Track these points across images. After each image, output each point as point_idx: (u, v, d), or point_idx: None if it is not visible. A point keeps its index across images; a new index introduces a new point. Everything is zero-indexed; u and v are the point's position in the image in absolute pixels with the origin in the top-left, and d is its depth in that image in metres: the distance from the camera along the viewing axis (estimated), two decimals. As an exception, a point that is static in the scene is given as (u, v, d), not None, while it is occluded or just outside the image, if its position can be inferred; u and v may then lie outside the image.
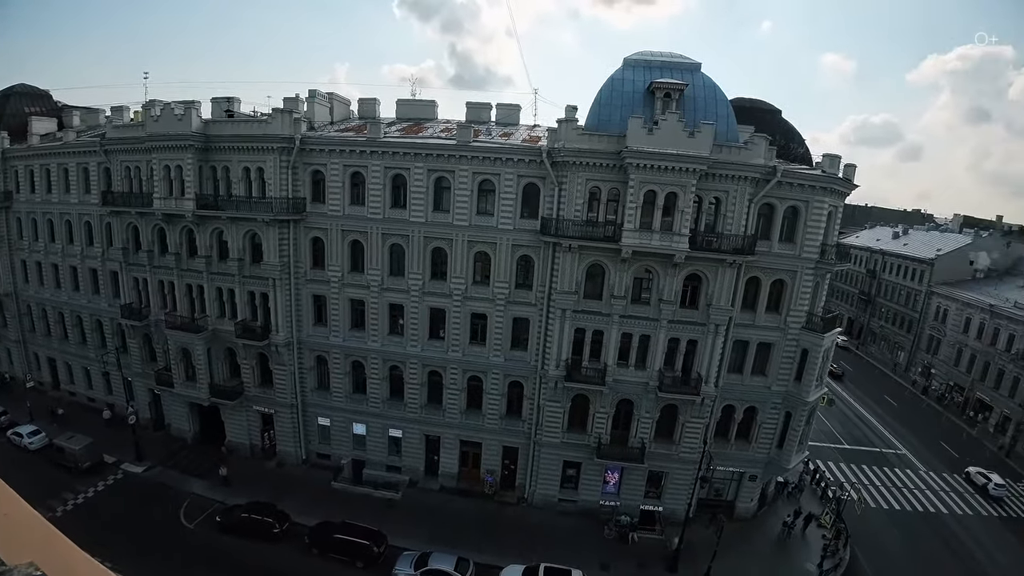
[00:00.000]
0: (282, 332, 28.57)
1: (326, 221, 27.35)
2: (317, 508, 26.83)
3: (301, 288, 28.59)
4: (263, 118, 27.52)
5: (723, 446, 27.51)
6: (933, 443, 43.30)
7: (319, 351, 29.60)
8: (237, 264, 28.02)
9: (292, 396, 30.12)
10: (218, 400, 30.49)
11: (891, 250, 66.36)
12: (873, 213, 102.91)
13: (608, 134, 23.65)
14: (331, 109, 31.57)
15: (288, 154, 26.22)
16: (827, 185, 24.54)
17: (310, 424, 31.12)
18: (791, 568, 26.23)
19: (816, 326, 26.00)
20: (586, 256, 24.86)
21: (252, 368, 30.23)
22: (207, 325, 29.46)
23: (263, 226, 27.08)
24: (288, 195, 26.75)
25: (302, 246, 27.98)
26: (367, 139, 26.06)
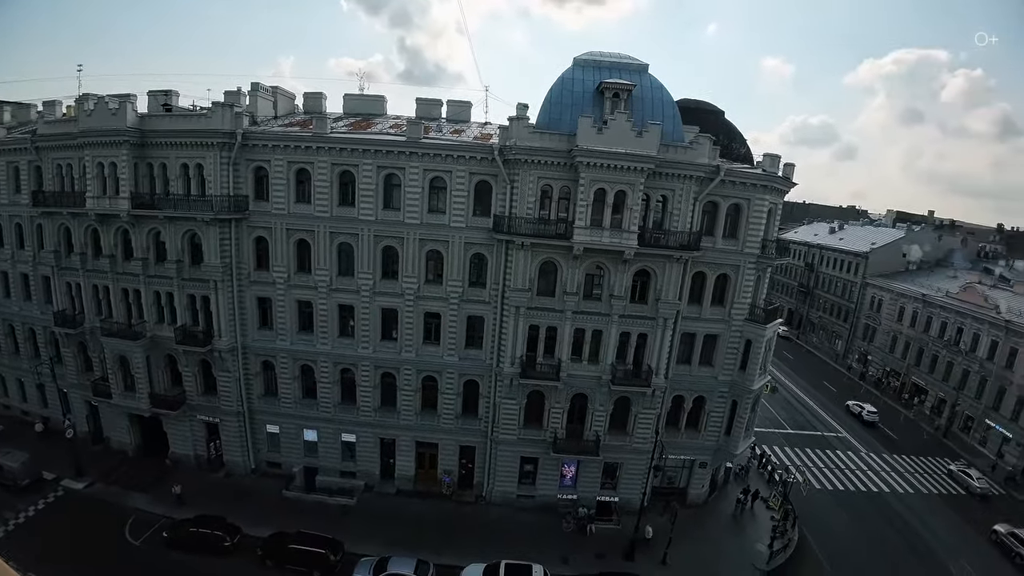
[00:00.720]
0: (225, 337, 27.36)
1: (270, 220, 26.31)
2: (269, 519, 25.88)
3: (245, 290, 27.43)
4: (202, 112, 26.24)
5: (674, 435, 28.41)
6: (872, 426, 46.13)
7: (265, 356, 28.49)
8: (176, 266, 26.66)
9: (238, 403, 28.89)
10: (159, 410, 28.95)
11: (828, 244, 70.28)
12: (811, 210, 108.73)
13: (559, 133, 23.85)
14: (275, 103, 30.43)
15: (229, 150, 25.08)
16: (767, 183, 25.63)
17: (258, 432, 29.93)
18: (743, 549, 27.27)
19: (758, 318, 27.17)
20: (539, 253, 25.01)
21: (194, 376, 28.83)
22: (145, 331, 27.90)
23: (203, 226, 25.82)
24: (229, 193, 25.57)
25: (245, 246, 26.84)
26: (313, 134, 25.22)
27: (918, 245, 62.16)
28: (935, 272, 58.15)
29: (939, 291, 51.24)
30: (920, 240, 62.99)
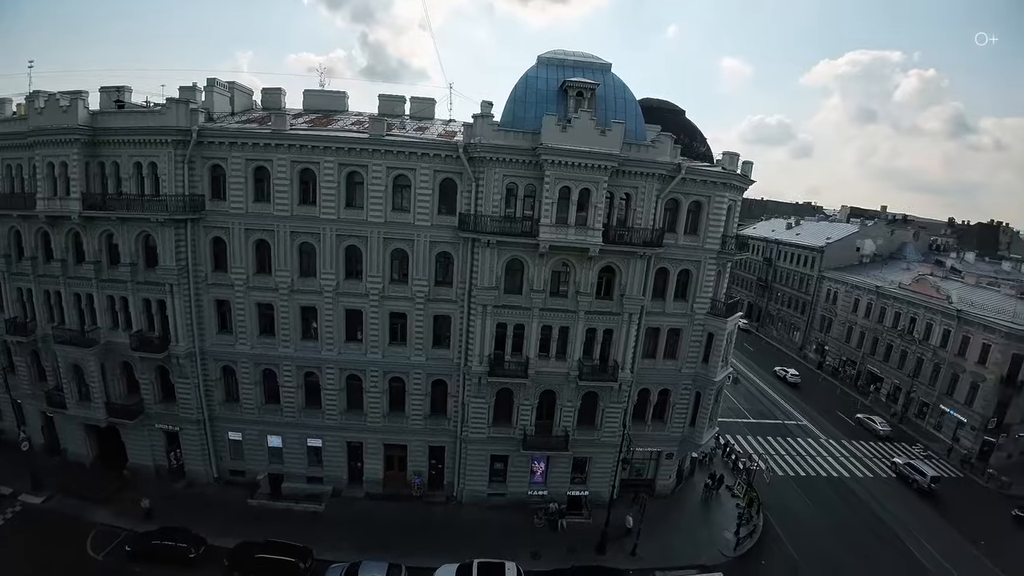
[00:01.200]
0: (182, 342, 26.35)
1: (228, 220, 25.44)
2: (235, 528, 25.15)
3: (202, 293, 26.45)
4: (156, 109, 25.19)
5: (641, 428, 28.92)
6: (830, 413, 48.08)
7: (225, 361, 27.57)
8: (129, 269, 25.57)
9: (198, 411, 27.87)
10: (116, 420, 27.75)
11: (785, 240, 72.85)
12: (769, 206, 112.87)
13: (523, 131, 23.90)
14: (232, 99, 29.40)
15: (184, 147, 24.17)
16: (727, 181, 26.37)
17: (220, 440, 28.94)
18: (711, 537, 28.07)
19: (720, 311, 27.97)
20: (505, 251, 25.01)
21: (152, 383, 27.71)
22: (99, 338, 26.71)
23: (157, 227, 24.79)
24: (184, 192, 24.62)
25: (201, 247, 25.88)
26: (272, 131, 24.48)
27: (872, 239, 65.03)
28: (888, 265, 60.89)
29: (892, 283, 53.66)
30: (873, 234, 65.89)
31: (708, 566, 25.92)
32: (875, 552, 28.65)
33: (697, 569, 25.64)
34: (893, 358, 51.50)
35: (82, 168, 24.53)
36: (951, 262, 61.97)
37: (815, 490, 34.62)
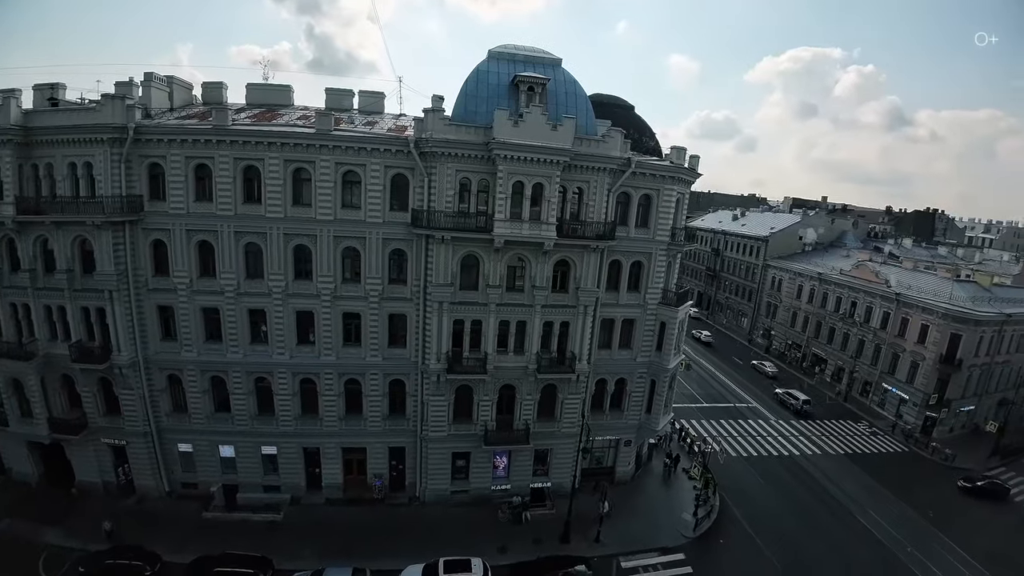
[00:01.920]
0: (125, 351, 24.91)
1: (168, 221, 24.15)
2: (191, 543, 24.09)
3: (143, 299, 25.04)
4: (91, 106, 23.81)
5: (599, 417, 29.53)
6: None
7: (171, 369, 26.21)
8: (66, 276, 24.02)
9: (144, 423, 26.44)
10: (60, 436, 26.21)
11: (732, 230, 75.89)
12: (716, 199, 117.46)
13: (475, 125, 23.83)
14: (171, 94, 27.98)
15: (121, 146, 22.85)
16: (675, 175, 27.19)
17: (169, 452, 27.53)
18: (670, 520, 28.97)
19: (671, 301, 28.87)
20: (460, 247, 24.89)
21: (94, 396, 26.20)
22: (38, 350, 25.06)
23: (94, 230, 23.36)
24: (122, 193, 23.26)
25: (141, 251, 24.50)
26: (213, 127, 23.38)
27: (813, 228, 68.61)
28: (829, 252, 64.33)
29: (834, 269, 56.75)
30: (815, 224, 69.52)
31: (669, 547, 26.82)
32: (827, 525, 30.38)
33: (659, 551, 26.47)
34: (836, 340, 54.56)
35: (15, 170, 23.17)
36: (889, 248, 66.20)
37: (767, 469, 36.30)
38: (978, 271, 52.89)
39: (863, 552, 28.20)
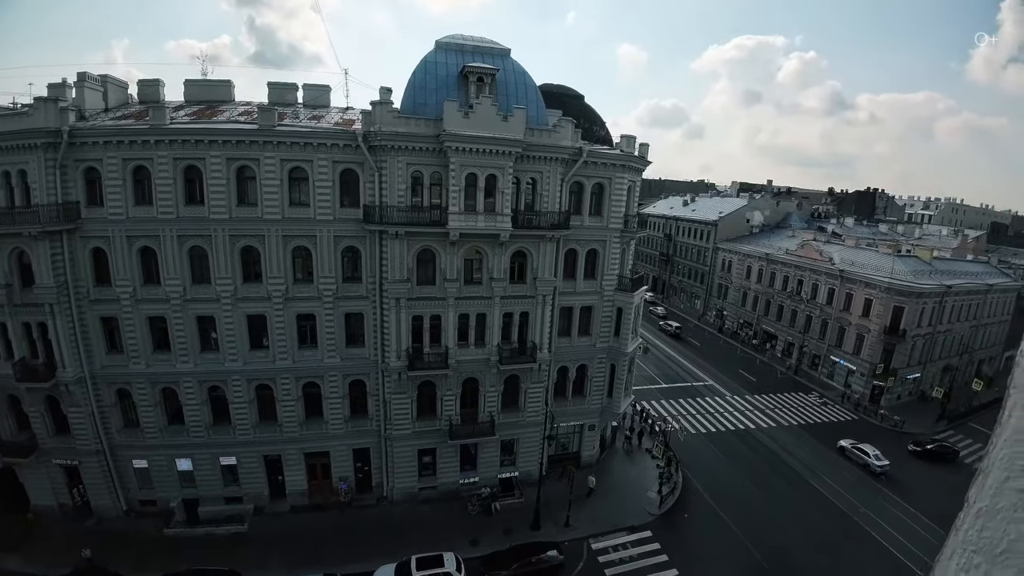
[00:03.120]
0: (70, 367, 23.57)
1: (107, 227, 22.88)
2: (154, 561, 23.13)
3: (85, 311, 23.66)
4: (23, 110, 22.41)
5: (563, 404, 30.06)
6: (733, 372, 52.61)
7: (119, 383, 24.91)
8: (5, 291, 22.63)
9: (95, 441, 25.11)
10: (9, 459, 24.74)
11: (682, 216, 78.02)
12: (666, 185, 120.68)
13: (425, 118, 23.60)
14: (105, 94, 26.60)
15: (55, 151, 21.55)
16: (626, 163, 27.79)
17: (124, 469, 26.20)
18: (636, 499, 29.84)
19: (626, 287, 29.62)
20: (415, 242, 24.68)
21: (42, 415, 24.74)
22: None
23: (31, 241, 21.96)
24: (58, 200, 21.93)
25: (80, 260, 23.15)
26: (150, 126, 22.27)
27: (759, 211, 71.44)
28: (776, 233, 67.10)
29: (780, 250, 59.35)
30: (761, 207, 72.38)
31: (637, 526, 27.69)
32: (785, 492, 31.99)
33: (627, 530, 27.30)
34: (785, 317, 57.20)
35: None
36: (832, 227, 69.59)
37: (725, 443, 37.82)
38: (918, 246, 56.45)
39: (819, 516, 29.94)
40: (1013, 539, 0.83)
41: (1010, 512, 0.85)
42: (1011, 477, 0.83)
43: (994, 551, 0.86)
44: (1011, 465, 0.85)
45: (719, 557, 25.78)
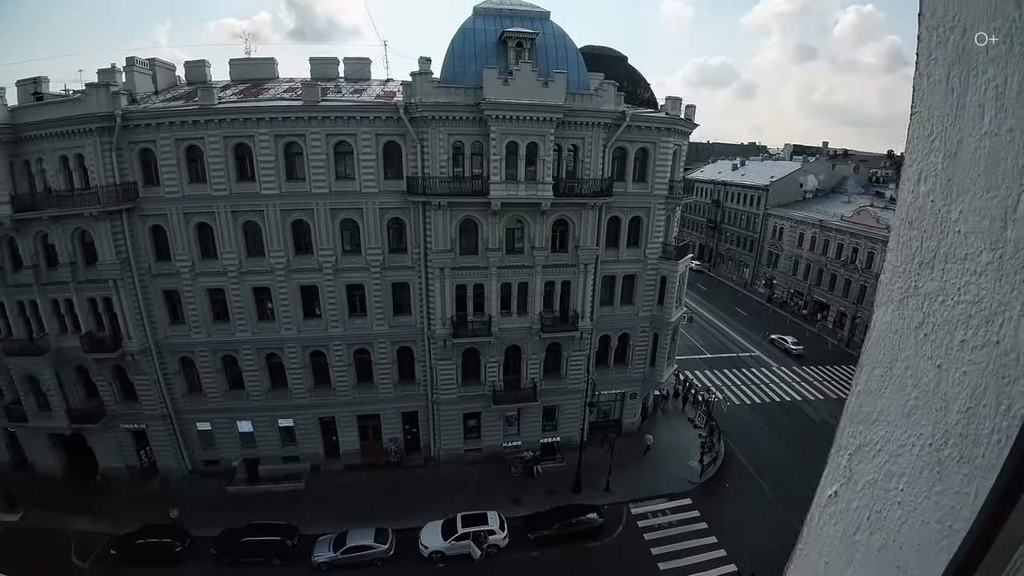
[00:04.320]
0: (135, 339, 25.34)
1: (164, 206, 24.13)
2: (217, 517, 25.03)
3: (148, 285, 25.28)
4: (77, 97, 23.45)
5: (604, 372, 30.11)
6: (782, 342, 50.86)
7: (182, 352, 26.73)
8: (69, 269, 24.18)
9: (161, 406, 27.13)
10: (80, 426, 26.82)
11: (732, 180, 74.61)
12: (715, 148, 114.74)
13: (465, 86, 23.39)
14: (154, 77, 27.46)
15: (110, 134, 22.62)
16: (671, 126, 26.78)
17: (189, 432, 28.39)
18: (677, 468, 29.88)
19: (671, 255, 28.91)
20: (457, 212, 24.87)
21: (110, 384, 26.74)
22: (49, 345, 25.43)
23: (92, 221, 23.38)
24: (115, 181, 23.17)
25: (141, 238, 24.56)
26: (199, 107, 23.04)
27: (814, 175, 67.46)
28: (830, 199, 63.37)
29: (835, 216, 56.11)
30: (815, 170, 68.27)
31: (676, 493, 27.81)
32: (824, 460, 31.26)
33: (666, 497, 27.48)
34: (838, 287, 54.52)
35: (7, 169, 23.05)
36: (890, 193, 64.92)
37: (771, 415, 36.95)
38: (983, 211, 52.16)
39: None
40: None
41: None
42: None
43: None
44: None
45: (759, 528, 25.56)
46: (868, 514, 0.81)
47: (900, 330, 0.76)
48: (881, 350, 0.81)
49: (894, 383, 0.77)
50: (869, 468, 0.83)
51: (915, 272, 0.73)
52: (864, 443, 0.85)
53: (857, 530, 0.84)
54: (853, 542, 0.85)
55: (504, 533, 23.63)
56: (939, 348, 0.69)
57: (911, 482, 0.73)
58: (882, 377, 0.81)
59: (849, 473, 0.89)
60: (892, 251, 0.79)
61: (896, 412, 0.76)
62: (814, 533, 1.00)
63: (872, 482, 0.82)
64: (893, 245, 0.78)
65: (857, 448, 0.87)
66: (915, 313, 0.73)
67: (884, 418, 0.79)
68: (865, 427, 0.85)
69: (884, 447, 0.79)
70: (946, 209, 0.68)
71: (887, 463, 0.78)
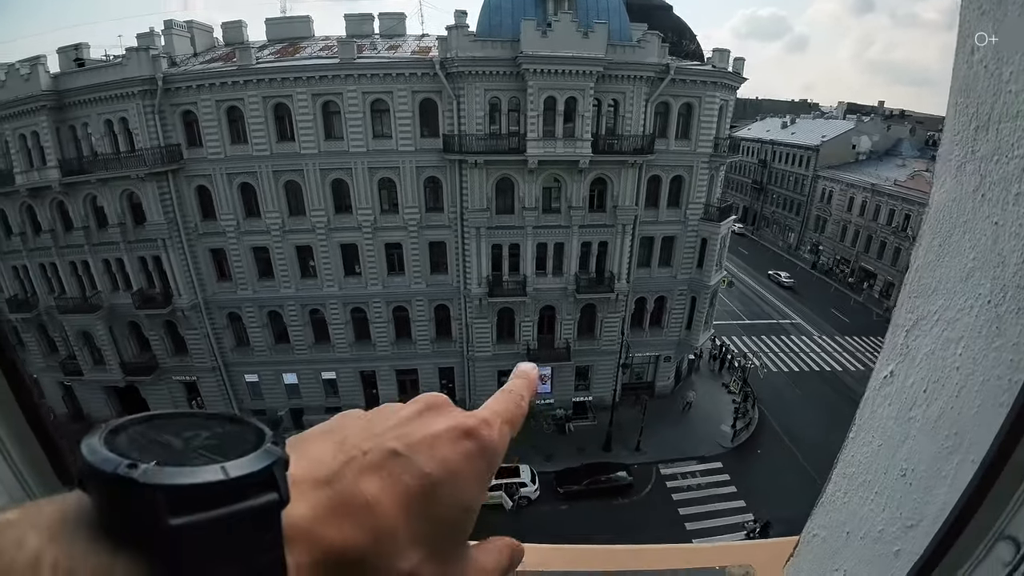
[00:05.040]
0: (184, 295, 26.62)
1: (208, 166, 24.81)
2: (264, 465, 26.93)
3: (195, 244, 26.32)
4: (117, 61, 24.06)
5: (639, 334, 29.89)
6: (824, 311, 49.10)
7: (229, 308, 27.98)
8: (119, 230, 25.32)
9: (212, 359, 28.71)
10: (134, 378, 28.63)
11: (780, 140, 70.38)
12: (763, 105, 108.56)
13: (502, 40, 22.81)
14: (192, 39, 27.76)
15: (152, 97, 23.18)
16: (718, 80, 25.43)
17: (237, 383, 30.08)
18: (709, 431, 29.90)
19: (713, 216, 27.94)
20: (493, 171, 24.64)
21: (162, 338, 28.34)
22: (102, 302, 26.93)
23: (139, 183, 24.28)
24: (160, 143, 23.89)
25: (186, 198, 25.44)
26: (238, 67, 23.30)
27: (867, 136, 63.18)
28: (884, 162, 59.48)
29: (887, 180, 52.80)
30: (869, 131, 63.88)
31: (707, 456, 27.90)
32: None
33: (697, 460, 27.63)
34: (886, 255, 51.86)
35: (53, 134, 23.84)
36: None
37: (809, 384, 36.13)
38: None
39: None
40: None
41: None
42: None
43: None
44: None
45: (788, 494, 25.13)
46: (925, 387, 0.81)
47: (958, 197, 0.76)
48: (940, 220, 0.81)
49: (952, 250, 0.77)
50: (926, 341, 0.83)
51: (971, 138, 0.73)
52: (922, 316, 0.85)
53: (913, 405, 0.84)
54: (908, 418, 0.85)
55: (535, 486, 24.39)
56: (995, 206, 0.69)
57: (969, 345, 0.73)
58: (940, 247, 0.81)
59: (906, 350, 0.89)
60: (949, 121, 0.79)
61: (955, 278, 0.77)
62: (867, 418, 1.00)
63: (930, 353, 0.81)
64: (950, 115, 0.79)
65: (915, 323, 0.87)
66: (972, 177, 0.73)
67: (942, 287, 0.80)
68: (923, 300, 0.85)
69: (942, 316, 0.79)
70: (998, 72, 0.68)
71: (945, 331, 0.78)
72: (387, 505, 0.40)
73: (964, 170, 0.75)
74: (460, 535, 0.45)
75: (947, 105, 0.80)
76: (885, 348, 0.99)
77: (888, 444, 0.92)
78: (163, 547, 0.28)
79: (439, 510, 0.42)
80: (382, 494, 0.40)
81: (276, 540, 0.31)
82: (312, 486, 0.38)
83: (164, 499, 0.27)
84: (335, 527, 0.37)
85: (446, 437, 0.45)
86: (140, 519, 0.28)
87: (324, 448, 0.43)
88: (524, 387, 0.59)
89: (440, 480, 0.42)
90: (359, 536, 0.37)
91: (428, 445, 0.44)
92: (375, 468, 0.41)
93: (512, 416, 0.53)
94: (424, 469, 0.42)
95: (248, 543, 0.30)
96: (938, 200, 0.81)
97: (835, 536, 1.05)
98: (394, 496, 0.40)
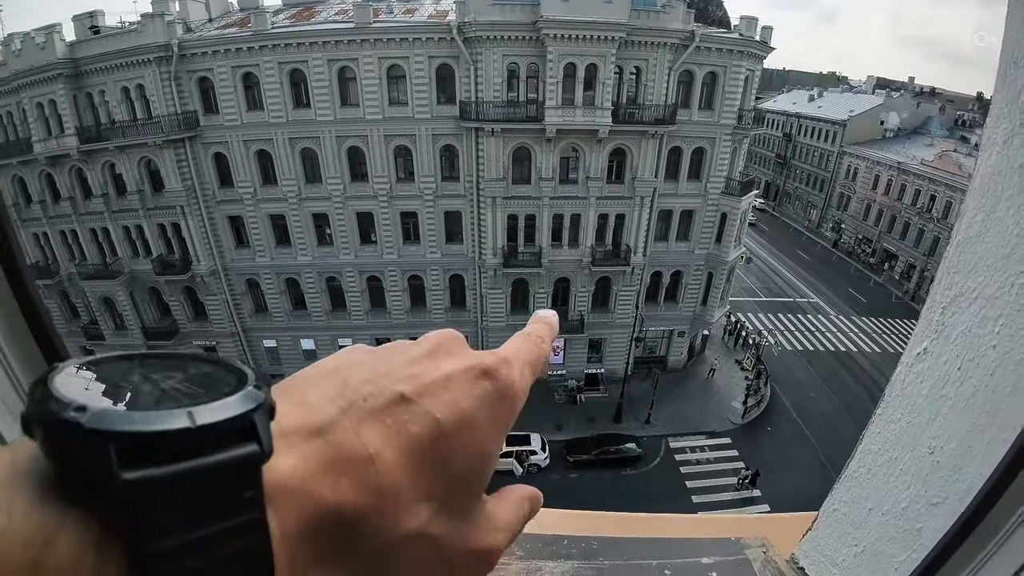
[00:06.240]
0: (203, 261, 27.05)
1: (225, 133, 24.81)
2: (279, 430, 27.89)
3: (213, 211, 26.58)
4: (133, 28, 23.90)
5: (653, 309, 29.72)
6: (843, 291, 48.29)
7: (248, 274, 28.43)
8: (138, 197, 25.60)
9: (231, 324, 29.35)
10: (155, 343, 29.29)
11: (806, 113, 67.76)
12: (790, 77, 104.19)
13: (521, 3, 22.06)
14: (207, 4, 27.40)
15: (168, 63, 23.08)
16: (744, 49, 24.50)
17: (256, 349, 30.83)
18: (719, 407, 30.03)
19: (734, 190, 27.28)
20: (511, 139, 24.27)
21: (182, 303, 28.97)
22: (123, 268, 27.47)
23: (156, 150, 24.41)
24: (176, 111, 23.89)
25: (204, 165, 25.55)
26: (253, 32, 23.02)
27: (896, 112, 60.48)
28: (912, 140, 57.20)
29: (914, 159, 50.96)
30: (899, 107, 61.18)
31: (717, 431, 28.08)
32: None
33: (706, 435, 27.85)
34: (909, 236, 50.43)
35: (71, 102, 23.96)
36: (976, 139, 57.97)
37: (823, 363, 35.82)
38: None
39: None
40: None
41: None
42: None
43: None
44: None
45: (796, 471, 25.43)
46: (960, 364, 0.80)
47: (1004, 171, 0.73)
48: (984, 195, 0.78)
49: (996, 225, 0.74)
50: (963, 318, 0.81)
51: (1019, 111, 0.69)
52: (960, 293, 0.82)
53: (946, 383, 0.83)
54: (941, 396, 0.84)
55: (545, 454, 24.88)
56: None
57: (1008, 323, 0.71)
58: (983, 222, 0.78)
59: (942, 327, 0.86)
60: (997, 93, 0.75)
61: (996, 255, 0.74)
62: (897, 395, 0.97)
63: (966, 331, 0.80)
64: (998, 87, 0.75)
65: (952, 299, 0.84)
66: (1019, 152, 0.70)
67: (983, 263, 0.77)
68: (962, 276, 0.82)
69: (982, 293, 0.77)
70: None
71: (983, 309, 0.76)
72: (391, 458, 0.34)
73: (1011, 143, 0.72)
74: (476, 488, 0.41)
75: (995, 76, 0.77)
76: (920, 325, 0.98)
77: (918, 421, 0.92)
78: (114, 505, 0.23)
79: (452, 461, 0.37)
80: (385, 445, 0.35)
81: (256, 500, 0.26)
82: (303, 437, 0.33)
83: (115, 449, 0.23)
84: (329, 484, 0.32)
85: (462, 378, 0.40)
86: (89, 471, 0.23)
87: (320, 392, 0.37)
88: (545, 331, 0.54)
89: (453, 427, 0.37)
90: (358, 494, 0.32)
91: (441, 387, 0.39)
92: (378, 415, 0.36)
93: (534, 358, 0.48)
94: (435, 415, 0.37)
95: (221, 503, 0.25)
96: (983, 173, 0.79)
97: (856, 511, 1.07)
98: (399, 447, 0.35)
